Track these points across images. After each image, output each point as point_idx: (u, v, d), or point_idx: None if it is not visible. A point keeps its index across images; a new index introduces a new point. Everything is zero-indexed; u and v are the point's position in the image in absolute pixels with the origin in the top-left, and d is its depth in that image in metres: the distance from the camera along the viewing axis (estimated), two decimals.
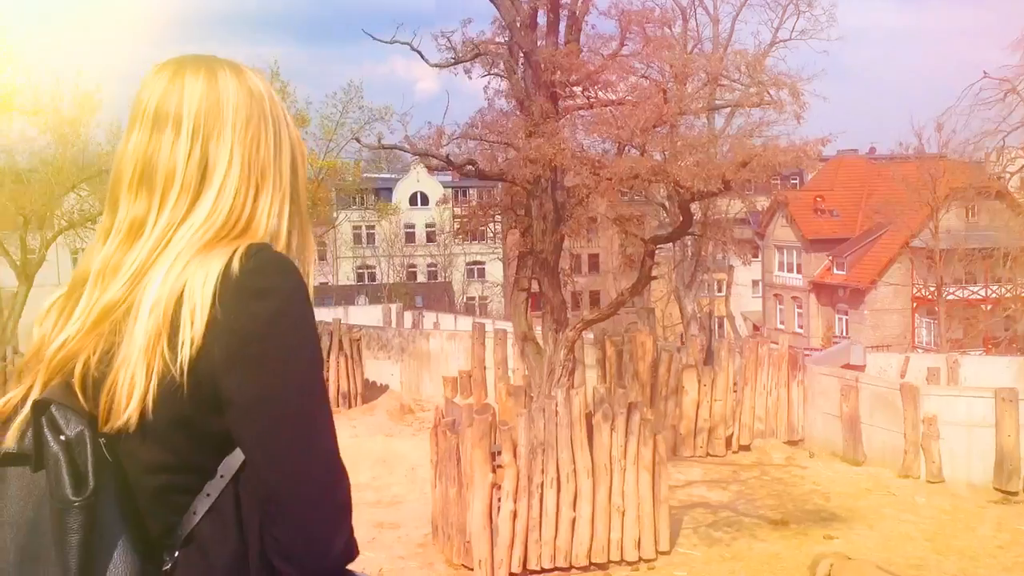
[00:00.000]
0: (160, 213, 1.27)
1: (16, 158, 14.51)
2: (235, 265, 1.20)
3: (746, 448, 14.97)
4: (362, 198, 45.23)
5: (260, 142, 1.35)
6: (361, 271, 50.58)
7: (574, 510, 9.53)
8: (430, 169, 12.18)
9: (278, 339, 1.19)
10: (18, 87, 13.64)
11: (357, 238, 50.15)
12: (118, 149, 1.33)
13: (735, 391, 15.08)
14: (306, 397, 1.21)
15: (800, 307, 39.91)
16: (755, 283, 43.66)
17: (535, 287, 11.17)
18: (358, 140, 15.01)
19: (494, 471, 9.15)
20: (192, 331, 1.17)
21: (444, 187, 48.28)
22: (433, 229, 50.03)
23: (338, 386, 15.55)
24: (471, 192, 49.48)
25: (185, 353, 1.17)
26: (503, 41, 11.57)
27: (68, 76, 15.85)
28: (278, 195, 1.37)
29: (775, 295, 41.48)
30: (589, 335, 15.11)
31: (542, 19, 11.31)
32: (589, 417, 9.70)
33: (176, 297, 1.20)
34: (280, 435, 1.19)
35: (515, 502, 9.17)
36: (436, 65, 11.82)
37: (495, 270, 47.25)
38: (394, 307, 26.64)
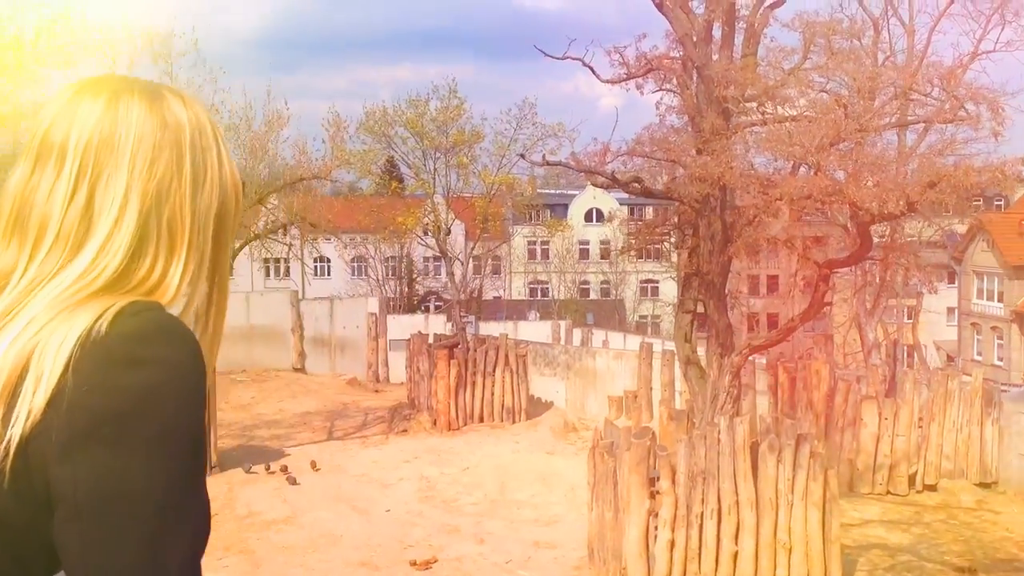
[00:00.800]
0: (29, 265, 1.03)
1: None
2: (103, 325, 0.96)
3: (931, 488, 13.92)
4: (537, 213, 45.63)
5: (170, 185, 1.08)
6: (533, 286, 51.04)
7: (736, 544, 9.11)
8: (598, 186, 12.01)
9: (144, 421, 0.93)
10: (215, 105, 14.56)
11: (531, 253, 50.67)
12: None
13: (920, 426, 14.07)
14: (166, 503, 0.93)
15: (1000, 338, 37.09)
16: (950, 311, 40.92)
17: (701, 309, 10.81)
18: (523, 156, 15.09)
19: (652, 497, 8.88)
20: (30, 404, 0.93)
21: (620, 204, 47.99)
22: (607, 246, 49.71)
23: (503, 401, 15.62)
24: (647, 210, 48.98)
25: (15, 431, 0.92)
26: (676, 56, 11.31)
27: (259, 95, 16.90)
28: (194, 255, 1.10)
29: (972, 324, 38.75)
30: (761, 360, 14.52)
31: (717, 32, 10.97)
32: (755, 447, 9.26)
33: (23, 362, 0.95)
34: (117, 550, 0.91)
35: (673, 531, 8.86)
36: (608, 81, 11.69)
37: (669, 289, 46.46)
38: (563, 323, 26.58)
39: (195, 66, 15.20)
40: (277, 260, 38.76)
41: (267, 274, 43.64)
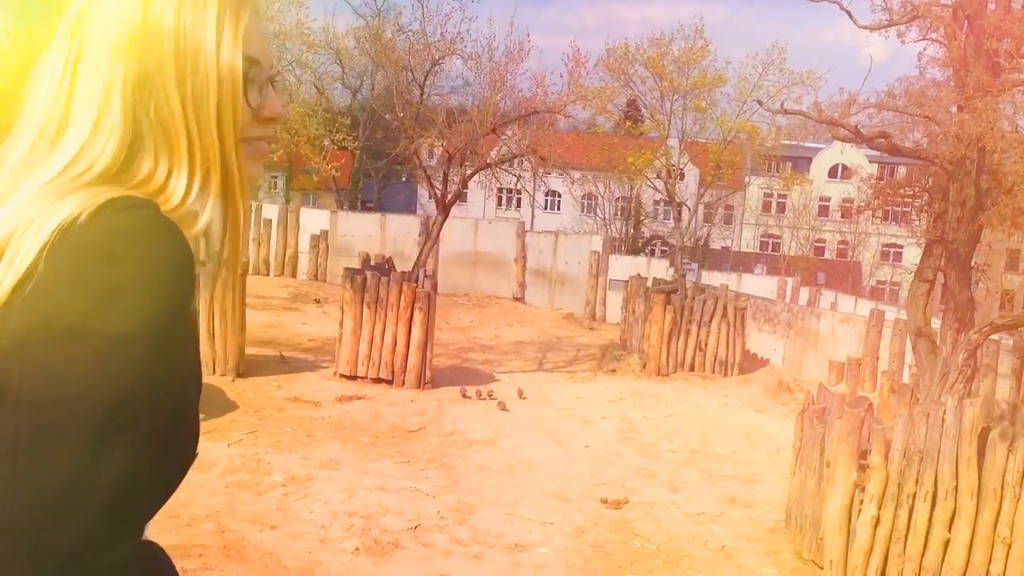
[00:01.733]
0: (16, 150, 0.97)
1: (450, 99, 16.03)
2: (85, 215, 0.89)
3: None
4: (776, 165, 43.84)
5: (155, 69, 0.97)
6: (764, 239, 49.32)
7: (949, 531, 8.50)
8: (840, 139, 11.23)
9: (106, 321, 0.86)
10: (461, 33, 14.88)
11: (765, 206, 48.88)
12: None
13: None
14: (114, 413, 0.86)
15: None
16: None
17: (941, 279, 10.01)
18: (760, 104, 14.41)
19: (861, 470, 8.42)
20: (9, 279, 0.87)
21: (870, 161, 45.16)
22: (849, 204, 47.12)
23: (716, 353, 15.29)
24: (898, 170, 45.85)
25: None
26: (946, 3, 10.35)
27: (502, 25, 17.07)
28: (199, 162, 1.00)
29: None
30: (1008, 340, 13.33)
31: None
32: (984, 432, 8.54)
33: (1, 245, 0.89)
34: (50, 453, 0.85)
35: (879, 508, 8.37)
36: (866, 27, 10.89)
37: (912, 256, 43.55)
38: (791, 280, 25.58)
39: None
40: (509, 191, 39.65)
41: (499, 203, 44.75)
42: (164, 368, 0.92)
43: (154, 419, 0.92)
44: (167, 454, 0.99)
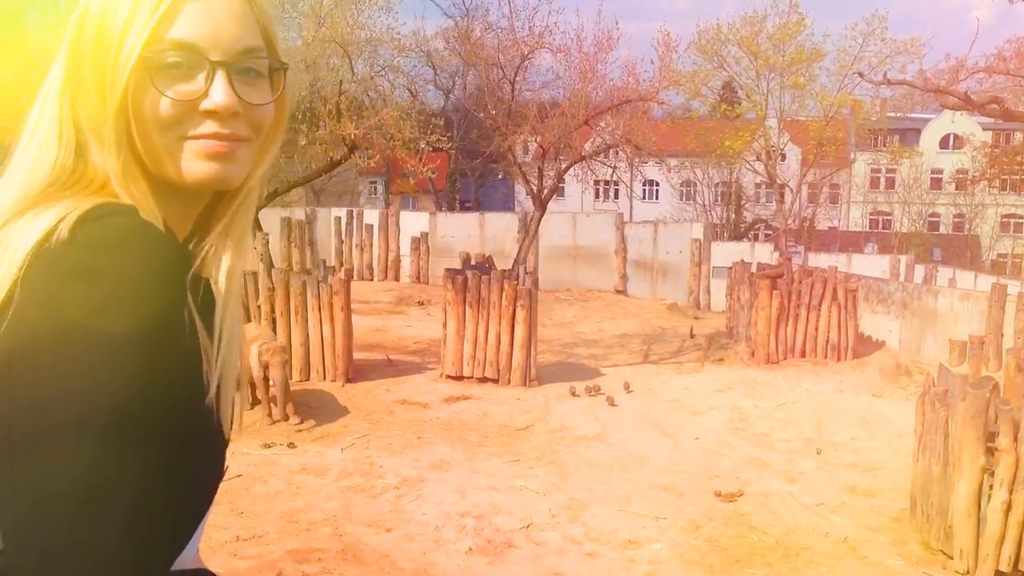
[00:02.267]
0: (9, 156, 0.95)
1: (541, 93, 16.00)
2: (63, 230, 0.85)
3: None
4: (883, 139, 42.33)
5: (79, 49, 0.93)
6: (874, 217, 47.68)
7: None
8: (948, 107, 10.72)
9: (84, 347, 0.81)
10: (548, 26, 14.82)
11: (873, 182, 47.27)
12: None
13: None
14: (112, 427, 0.82)
15: None
16: None
17: None
18: (861, 75, 13.87)
19: (989, 454, 8.02)
20: None
21: (984, 129, 43.22)
22: (963, 175, 45.12)
23: (828, 337, 14.83)
24: (1015, 136, 43.66)
25: None
26: None
27: (590, 15, 16.90)
28: (114, 138, 0.93)
29: None
30: None
31: None
32: None
33: None
34: (51, 480, 0.80)
35: (1011, 493, 7.96)
36: None
37: None
38: (904, 258, 24.64)
39: None
40: (606, 183, 39.39)
41: (596, 196, 44.51)
42: (160, 379, 0.86)
43: (156, 433, 0.87)
44: (183, 471, 0.93)
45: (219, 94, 0.96)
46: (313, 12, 12.55)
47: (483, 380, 12.24)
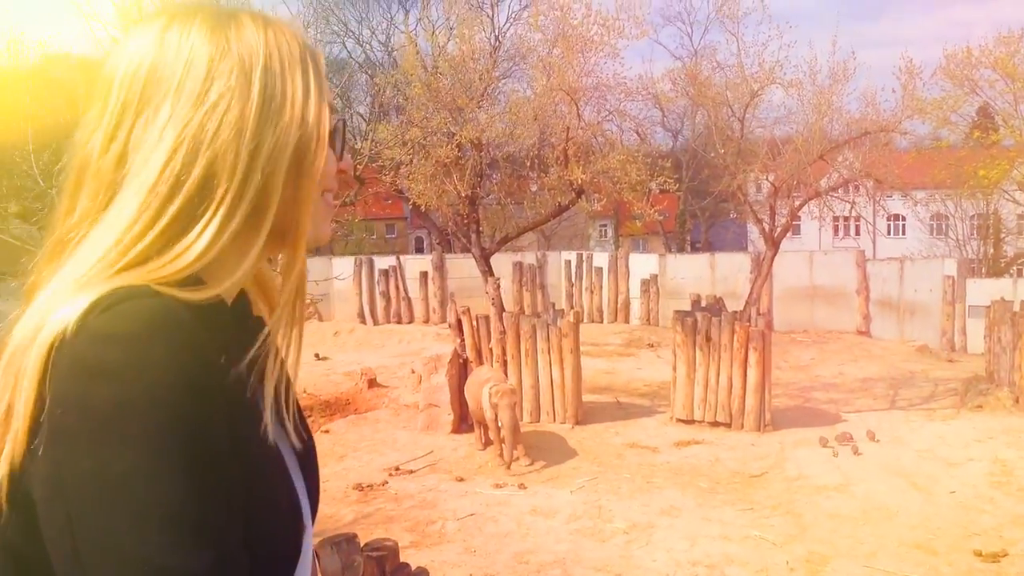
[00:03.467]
0: (66, 222, 0.91)
1: (773, 130, 15.51)
2: (73, 323, 0.82)
3: None
4: None
5: (223, 117, 0.89)
6: None
7: None
8: None
9: (120, 452, 0.78)
10: (779, 60, 14.39)
11: None
12: None
13: None
14: (167, 551, 0.77)
15: None
16: None
17: None
18: None
19: None
20: (14, 434, 0.83)
21: None
22: None
23: None
24: None
25: (8, 449, 0.83)
26: None
27: (824, 47, 16.25)
28: (241, 206, 0.90)
29: None
30: None
31: None
32: None
33: (24, 347, 0.84)
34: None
35: None
36: None
37: None
38: None
39: (760, 24, 15.27)
40: (846, 218, 37.52)
41: (835, 232, 42.57)
42: (210, 471, 0.81)
43: (218, 526, 0.82)
44: (257, 558, 0.89)
45: (347, 157, 1.04)
46: (542, 63, 12.91)
47: (714, 424, 11.90)
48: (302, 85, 0.94)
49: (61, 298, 0.85)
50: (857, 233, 41.40)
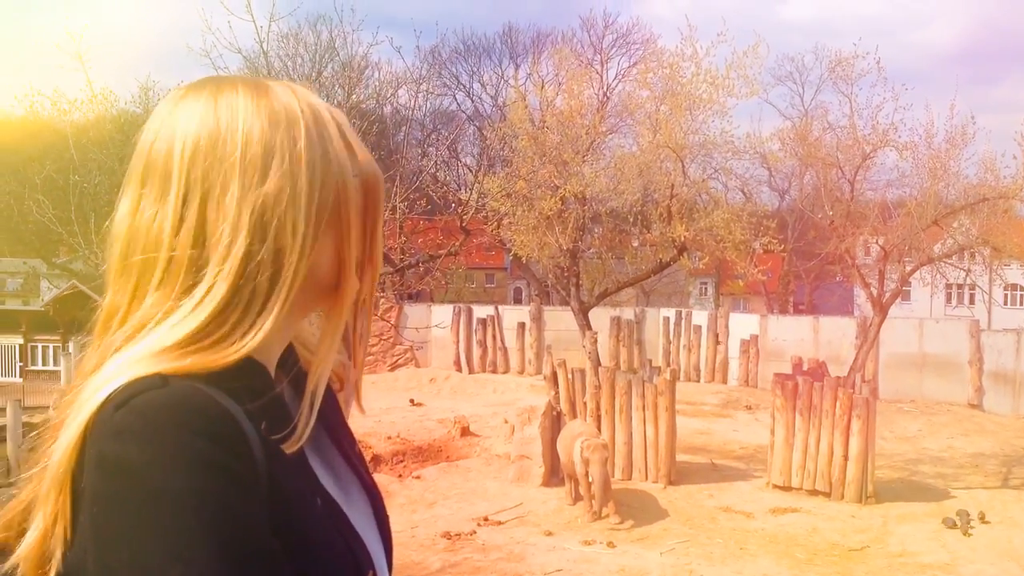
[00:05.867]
0: (132, 303, 0.90)
1: (885, 193, 15.15)
2: (109, 407, 0.83)
3: None
4: None
5: (280, 194, 0.89)
6: None
7: None
8: None
9: (102, 554, 0.79)
10: (894, 123, 14.09)
11: None
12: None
13: None
14: None
15: None
16: None
17: None
18: None
19: None
20: (62, 498, 0.84)
21: None
22: None
23: None
24: None
25: (59, 531, 0.84)
26: None
27: (942, 110, 15.86)
28: (288, 274, 0.90)
29: None
30: None
31: None
32: None
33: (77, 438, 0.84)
34: None
35: None
36: None
37: None
38: None
39: (875, 85, 14.99)
40: (960, 286, 36.17)
41: (947, 300, 41.04)
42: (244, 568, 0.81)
43: None
44: None
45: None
46: (649, 120, 12.94)
47: (813, 492, 11.52)
48: (336, 142, 0.95)
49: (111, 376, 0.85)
50: (972, 302, 39.83)
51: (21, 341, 27.36)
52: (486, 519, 10.35)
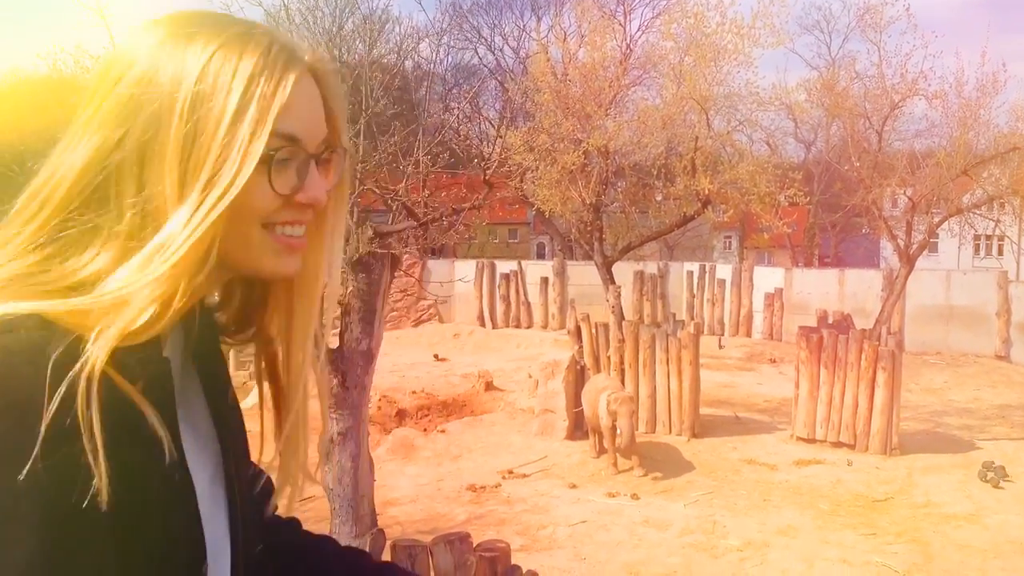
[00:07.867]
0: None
1: (913, 143, 14.93)
2: None
3: None
4: None
5: (150, 143, 0.85)
6: None
7: None
8: None
9: None
10: (924, 71, 13.81)
11: None
12: None
13: None
14: None
15: None
16: None
17: None
18: None
19: None
20: None
21: None
22: None
23: None
24: None
25: None
26: None
27: (972, 58, 15.52)
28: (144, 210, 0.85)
29: None
30: None
31: None
32: None
33: None
34: None
35: None
36: None
37: None
38: None
39: (904, 33, 14.71)
40: (988, 237, 35.76)
41: (976, 252, 40.62)
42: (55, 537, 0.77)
43: None
44: None
45: (315, 188, 0.94)
46: (673, 72, 12.79)
47: (837, 444, 11.53)
48: (238, 100, 0.86)
49: None
50: (1000, 253, 39.39)
51: None
52: (511, 472, 10.46)
